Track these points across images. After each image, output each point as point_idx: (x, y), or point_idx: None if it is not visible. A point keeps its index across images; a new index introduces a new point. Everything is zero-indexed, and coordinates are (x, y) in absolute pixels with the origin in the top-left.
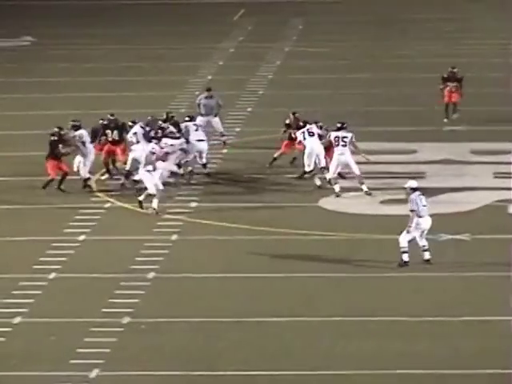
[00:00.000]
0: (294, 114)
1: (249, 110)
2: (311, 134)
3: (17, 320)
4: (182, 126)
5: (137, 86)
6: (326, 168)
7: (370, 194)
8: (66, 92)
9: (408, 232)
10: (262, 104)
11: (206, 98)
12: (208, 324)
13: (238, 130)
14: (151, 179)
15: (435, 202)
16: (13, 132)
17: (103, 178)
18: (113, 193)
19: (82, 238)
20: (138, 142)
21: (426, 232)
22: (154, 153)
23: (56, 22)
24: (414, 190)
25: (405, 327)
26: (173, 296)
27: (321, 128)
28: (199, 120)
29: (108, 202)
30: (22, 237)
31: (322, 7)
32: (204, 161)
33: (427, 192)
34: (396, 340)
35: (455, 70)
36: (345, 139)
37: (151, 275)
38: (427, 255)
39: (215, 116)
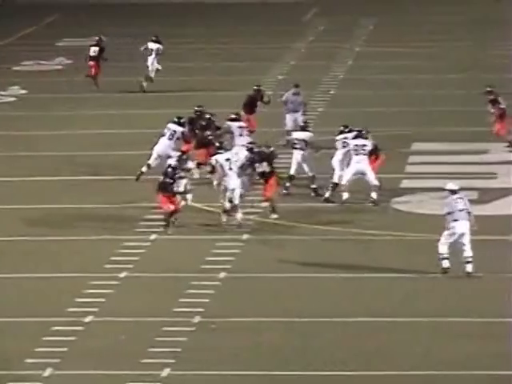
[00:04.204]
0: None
1: (320, 109)
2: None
3: (88, 319)
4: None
5: (209, 86)
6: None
7: (376, 204)
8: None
9: (445, 238)
10: (333, 104)
11: (294, 94)
12: (278, 324)
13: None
14: None
15: (507, 202)
16: (93, 131)
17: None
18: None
19: (153, 237)
20: None
21: (467, 239)
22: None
23: (128, 21)
24: (454, 192)
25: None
26: (243, 296)
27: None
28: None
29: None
30: (93, 236)
31: (392, 7)
32: None
33: (498, 192)
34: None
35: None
36: (365, 147)
37: (222, 275)
38: (469, 268)
39: (302, 114)
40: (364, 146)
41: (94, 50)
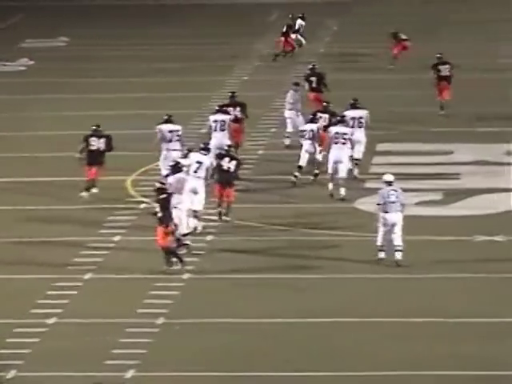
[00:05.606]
0: None
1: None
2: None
3: (52, 321)
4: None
5: (173, 87)
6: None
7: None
8: (94, 93)
9: (380, 229)
10: None
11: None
12: (242, 325)
13: (273, 130)
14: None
15: (470, 202)
16: (51, 132)
17: None
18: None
19: (117, 238)
20: None
21: (398, 229)
22: None
23: (90, 23)
24: (389, 184)
25: (450, 329)
26: (207, 297)
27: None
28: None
29: (143, 202)
30: (56, 238)
31: (355, 8)
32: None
33: (462, 193)
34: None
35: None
36: (345, 136)
37: (186, 276)
38: (398, 256)
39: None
40: (344, 134)
41: (285, 27)
